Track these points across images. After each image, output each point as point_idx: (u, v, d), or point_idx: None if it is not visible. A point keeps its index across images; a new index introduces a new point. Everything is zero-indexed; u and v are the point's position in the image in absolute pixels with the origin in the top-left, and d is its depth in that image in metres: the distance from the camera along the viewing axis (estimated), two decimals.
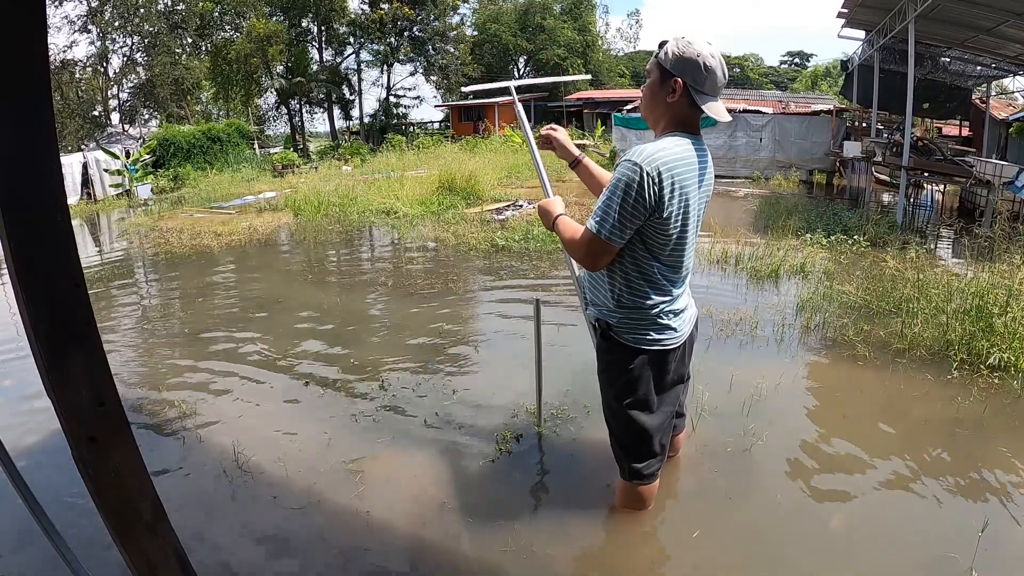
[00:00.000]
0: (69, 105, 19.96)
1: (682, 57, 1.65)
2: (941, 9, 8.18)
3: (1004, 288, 3.78)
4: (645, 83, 1.77)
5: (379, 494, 2.33)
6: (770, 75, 50.40)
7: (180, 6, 23.38)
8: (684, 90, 1.66)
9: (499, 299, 5.00)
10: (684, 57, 1.64)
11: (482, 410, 2.97)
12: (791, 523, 2.12)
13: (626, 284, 1.78)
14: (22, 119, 0.71)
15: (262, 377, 3.50)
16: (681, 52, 1.65)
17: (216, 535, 2.13)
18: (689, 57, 1.64)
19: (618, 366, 1.87)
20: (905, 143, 8.48)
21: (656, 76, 1.71)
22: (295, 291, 5.38)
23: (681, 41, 1.66)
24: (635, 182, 1.59)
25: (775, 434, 2.68)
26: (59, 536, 1.01)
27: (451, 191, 10.61)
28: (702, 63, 1.63)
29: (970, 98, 14.00)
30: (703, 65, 1.63)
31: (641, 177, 1.58)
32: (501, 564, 1.95)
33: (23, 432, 2.77)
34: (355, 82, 28.94)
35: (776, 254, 5.65)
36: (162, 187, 14.85)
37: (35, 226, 0.74)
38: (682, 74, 1.65)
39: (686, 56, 1.64)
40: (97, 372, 0.82)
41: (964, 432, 2.71)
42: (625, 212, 1.62)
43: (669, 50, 1.67)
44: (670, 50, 1.67)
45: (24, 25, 0.69)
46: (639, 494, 2.06)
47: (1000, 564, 1.88)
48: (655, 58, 1.71)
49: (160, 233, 8.65)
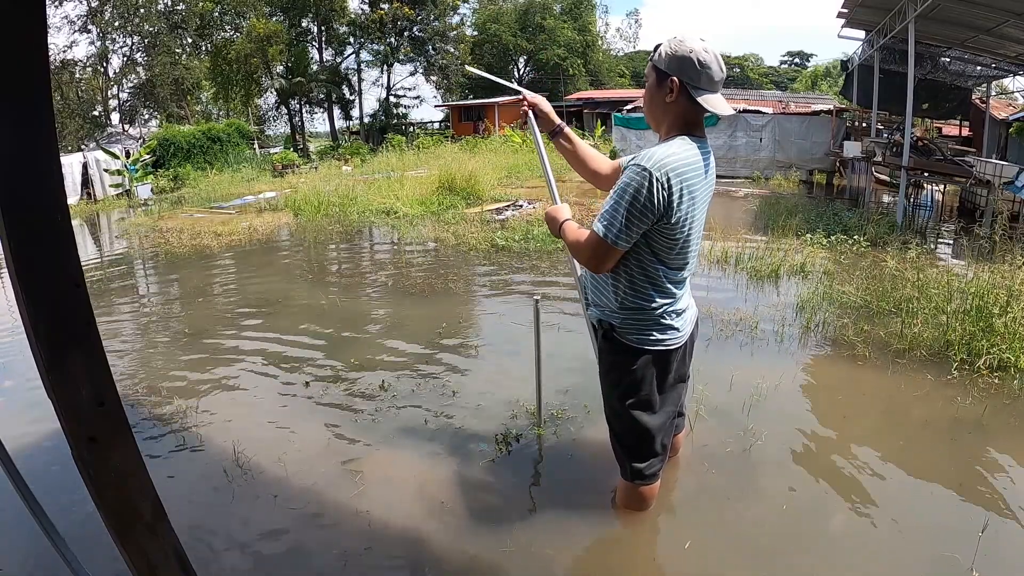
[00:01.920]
0: (69, 105, 19.99)
1: (675, 56, 1.66)
2: (941, 9, 8.17)
3: (1004, 288, 3.78)
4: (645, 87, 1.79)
5: (379, 494, 2.33)
6: (770, 75, 50.41)
7: (180, 6, 23.41)
8: (681, 88, 1.67)
9: (499, 299, 5.00)
10: (677, 55, 1.65)
11: (482, 410, 2.97)
12: (791, 523, 2.12)
13: (630, 286, 1.79)
14: (22, 119, 0.71)
15: (262, 377, 3.50)
16: (674, 51, 1.66)
17: (216, 535, 2.13)
18: (682, 55, 1.65)
19: (621, 367, 1.87)
20: (905, 143, 8.47)
21: (653, 78, 1.73)
22: (295, 291, 5.38)
23: (673, 41, 1.68)
24: (644, 187, 1.59)
25: (775, 434, 2.68)
26: (59, 536, 1.01)
27: (451, 191, 10.61)
28: (695, 59, 1.64)
29: (970, 98, 14.00)
30: (697, 61, 1.64)
31: (650, 182, 1.58)
32: (501, 564, 1.95)
33: (23, 432, 2.76)
34: (355, 82, 28.98)
35: (776, 254, 5.65)
36: (162, 187, 14.87)
37: (35, 226, 0.74)
38: (678, 73, 1.66)
39: (679, 54, 1.65)
40: (97, 372, 0.82)
41: (964, 432, 2.71)
42: (633, 216, 1.62)
43: (662, 51, 1.69)
44: (663, 51, 1.69)
45: (24, 25, 0.69)
46: (640, 494, 2.07)
47: (1000, 564, 1.88)
48: (650, 61, 1.74)
49: (160, 233, 8.65)
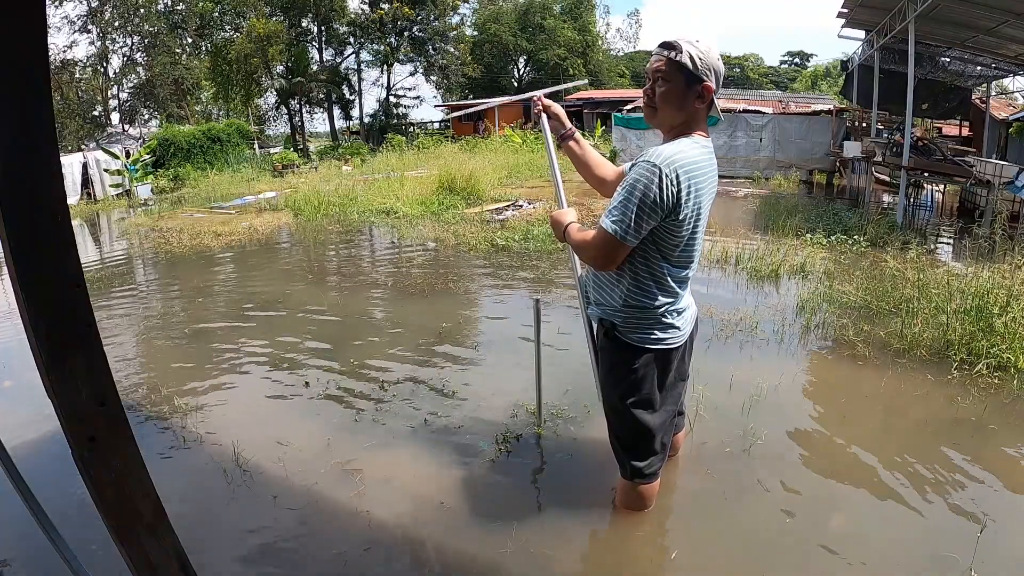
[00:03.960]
0: (69, 105, 19.99)
1: (708, 62, 1.65)
2: (941, 9, 8.17)
3: (1004, 288, 3.78)
4: (658, 86, 1.68)
5: (379, 494, 2.33)
6: (770, 75, 50.39)
7: (180, 6, 23.43)
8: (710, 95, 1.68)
9: (499, 299, 5.00)
10: (708, 63, 1.65)
11: (482, 410, 2.97)
12: (791, 523, 2.12)
13: (635, 284, 1.79)
14: (22, 119, 0.71)
15: (262, 377, 3.50)
16: (706, 57, 1.64)
17: (216, 535, 2.13)
18: (712, 64, 1.66)
19: (623, 365, 1.88)
20: (905, 143, 8.47)
21: (681, 80, 1.65)
22: (295, 291, 5.37)
23: (701, 46, 1.65)
24: (654, 183, 1.60)
25: (774, 434, 2.68)
26: (59, 536, 1.01)
27: (451, 191, 10.60)
28: (720, 68, 1.68)
29: (970, 98, 13.99)
30: (720, 71, 1.68)
31: (660, 179, 1.59)
32: (501, 564, 1.95)
33: (23, 432, 2.76)
34: (355, 82, 28.97)
35: (776, 254, 5.65)
36: (162, 187, 14.86)
37: (35, 226, 0.74)
38: (713, 80, 1.66)
39: (710, 62, 1.65)
40: (97, 372, 0.82)
41: (964, 432, 2.71)
42: (642, 213, 1.63)
43: (694, 55, 1.63)
44: (695, 55, 1.63)
45: (24, 25, 0.69)
46: (640, 493, 2.07)
47: (1000, 564, 1.88)
48: (674, 60, 1.64)
49: (160, 233, 8.65)
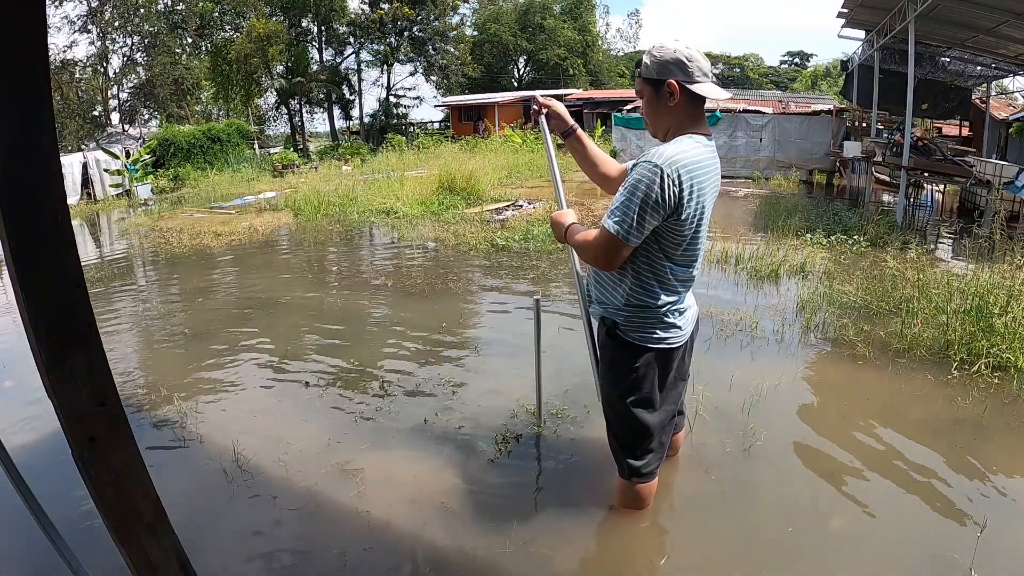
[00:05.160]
0: (69, 105, 19.98)
1: (662, 61, 1.70)
2: (941, 9, 8.17)
3: (1004, 288, 3.77)
4: (642, 102, 1.79)
5: (379, 494, 2.33)
6: (770, 75, 50.34)
7: (180, 6, 23.42)
8: (681, 88, 1.69)
9: (499, 299, 5.00)
10: (663, 60, 1.69)
11: (482, 410, 2.97)
12: (790, 523, 2.12)
13: (637, 283, 1.79)
14: (22, 119, 0.71)
15: (262, 377, 3.50)
16: (659, 57, 1.70)
17: (216, 535, 2.13)
18: (667, 58, 1.69)
19: (623, 364, 1.88)
20: (905, 143, 8.47)
21: (649, 90, 1.75)
22: (295, 291, 5.37)
23: (653, 49, 1.72)
24: (655, 183, 1.60)
25: (774, 434, 2.68)
26: (59, 536, 1.01)
27: (451, 191, 10.60)
28: (681, 57, 1.68)
29: (970, 98, 13.99)
30: (684, 58, 1.68)
31: (661, 178, 1.60)
32: (501, 564, 1.95)
33: (23, 432, 2.77)
34: (355, 82, 28.95)
35: (776, 254, 5.65)
36: (162, 187, 14.86)
37: (35, 226, 0.75)
38: (671, 75, 1.69)
39: (664, 58, 1.69)
40: (97, 372, 0.82)
41: (964, 432, 2.71)
42: (645, 212, 1.63)
43: (647, 62, 1.72)
44: (647, 62, 1.72)
45: (24, 25, 0.69)
46: (638, 493, 2.06)
47: (1000, 564, 1.88)
48: (638, 77, 1.76)
49: (160, 233, 8.65)
